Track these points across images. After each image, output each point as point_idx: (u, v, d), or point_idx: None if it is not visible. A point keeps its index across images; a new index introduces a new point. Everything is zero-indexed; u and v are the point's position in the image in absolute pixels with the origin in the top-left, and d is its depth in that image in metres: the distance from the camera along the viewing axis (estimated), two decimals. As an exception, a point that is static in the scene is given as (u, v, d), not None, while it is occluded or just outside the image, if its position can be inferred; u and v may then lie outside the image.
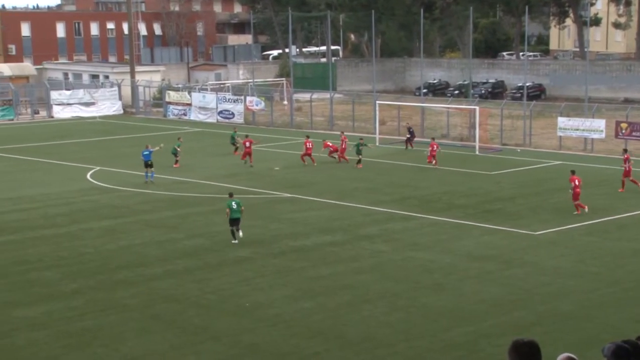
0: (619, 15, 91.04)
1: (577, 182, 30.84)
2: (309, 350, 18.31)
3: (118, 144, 51.93)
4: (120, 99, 70.67)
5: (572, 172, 31.66)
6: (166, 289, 22.67)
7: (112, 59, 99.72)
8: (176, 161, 41.97)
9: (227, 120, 62.18)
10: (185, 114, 65.75)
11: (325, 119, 60.42)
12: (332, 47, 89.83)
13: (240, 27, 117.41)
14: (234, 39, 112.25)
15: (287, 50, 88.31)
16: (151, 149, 38.50)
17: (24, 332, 19.52)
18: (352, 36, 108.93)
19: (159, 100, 69.92)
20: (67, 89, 70.55)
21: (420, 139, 48.84)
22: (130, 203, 34.11)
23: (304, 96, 64.69)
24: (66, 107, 67.80)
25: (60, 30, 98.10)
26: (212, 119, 63.52)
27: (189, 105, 65.72)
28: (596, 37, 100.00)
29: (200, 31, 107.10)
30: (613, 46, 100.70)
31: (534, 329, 19.14)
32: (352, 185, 37.13)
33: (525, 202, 33.19)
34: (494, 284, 22.85)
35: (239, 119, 61.93)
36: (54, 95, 68.21)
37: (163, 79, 77.71)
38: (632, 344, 7.02)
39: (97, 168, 42.49)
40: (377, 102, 54.43)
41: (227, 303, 21.44)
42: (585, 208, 30.88)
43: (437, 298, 21.68)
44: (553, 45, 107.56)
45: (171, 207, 33.21)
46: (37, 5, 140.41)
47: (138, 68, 76.14)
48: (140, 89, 71.33)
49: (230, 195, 28.11)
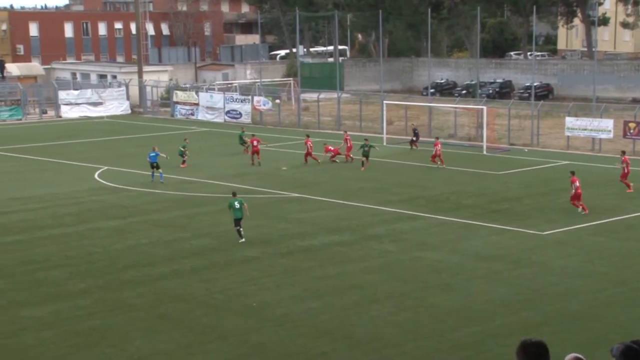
0: (627, 15, 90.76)
1: (578, 183, 30.88)
2: (316, 350, 18.30)
3: (126, 144, 52.03)
4: (128, 98, 70.81)
5: (572, 173, 31.67)
6: (173, 288, 22.69)
7: (120, 58, 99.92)
8: (183, 161, 42.00)
9: (234, 120, 62.25)
10: (192, 114, 65.84)
11: (332, 119, 60.41)
12: (340, 47, 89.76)
13: (247, 27, 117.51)
14: (241, 39, 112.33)
15: (294, 50, 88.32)
16: (158, 152, 38.42)
17: (32, 332, 19.56)
18: (359, 36, 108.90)
19: (167, 100, 70.03)
20: (75, 89, 70.73)
21: (427, 139, 48.73)
22: (138, 203, 34.16)
23: (312, 96, 64.71)
24: (74, 107, 67.98)
25: (68, 30, 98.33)
26: (220, 119, 63.58)
27: (197, 105, 65.81)
28: (604, 37, 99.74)
29: (207, 31, 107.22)
30: (621, 46, 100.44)
31: (542, 329, 19.10)
32: (359, 185, 37.12)
33: (533, 202, 33.13)
34: (501, 284, 22.80)
35: (246, 119, 61.98)
36: (62, 95, 68.37)
37: (171, 79, 77.82)
38: (640, 344, 6.99)
39: (105, 168, 42.58)
40: (385, 102, 54.40)
41: (234, 303, 21.45)
42: (580, 209, 30.80)
43: (445, 298, 21.65)
44: (561, 45, 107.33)
45: (179, 206, 33.25)
46: (45, 6, 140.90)
47: (146, 68, 76.28)
48: (148, 89, 71.46)
49: (234, 195, 28.31)
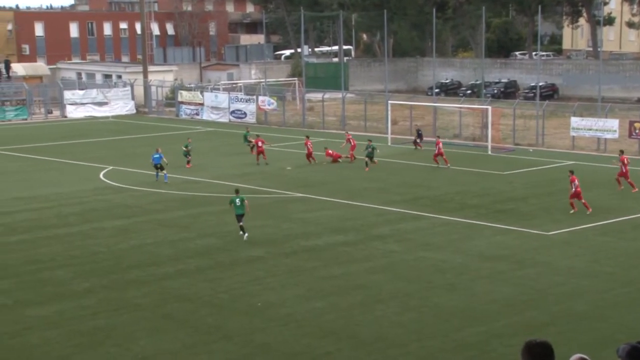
0: (633, 15, 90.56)
1: (577, 182, 30.87)
2: (320, 350, 18.28)
3: (131, 144, 52.07)
4: (133, 98, 70.89)
5: (571, 172, 31.66)
6: (178, 288, 22.69)
7: (125, 58, 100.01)
8: (188, 161, 41.99)
9: (239, 120, 62.26)
10: (197, 114, 65.89)
11: (337, 119, 60.39)
12: (344, 47, 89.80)
13: (252, 27, 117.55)
14: (246, 39, 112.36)
15: (299, 50, 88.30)
16: (162, 154, 38.47)
17: (37, 331, 19.57)
18: (364, 36, 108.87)
19: (172, 100, 70.11)
20: (80, 89, 70.86)
21: (429, 139, 48.55)
22: (142, 202, 34.18)
23: (316, 96, 64.71)
24: (79, 106, 68.09)
25: (74, 30, 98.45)
26: (225, 119, 63.61)
27: (202, 105, 65.85)
28: (609, 37, 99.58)
29: (212, 31, 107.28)
30: (627, 46, 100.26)
31: (547, 329, 19.05)
32: (363, 185, 37.09)
33: (538, 202, 33.06)
34: (506, 284, 22.75)
35: (251, 119, 62.01)
36: (67, 95, 68.47)
37: (175, 79, 77.87)
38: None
39: (110, 167, 42.62)
40: (389, 102, 54.38)
41: (239, 302, 21.44)
42: (589, 209, 30.74)
43: (449, 298, 21.61)
44: (566, 44, 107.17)
45: (183, 206, 33.26)
46: (51, 6, 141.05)
47: (151, 68, 76.36)
48: (153, 89, 71.53)
49: (237, 192, 28.48)
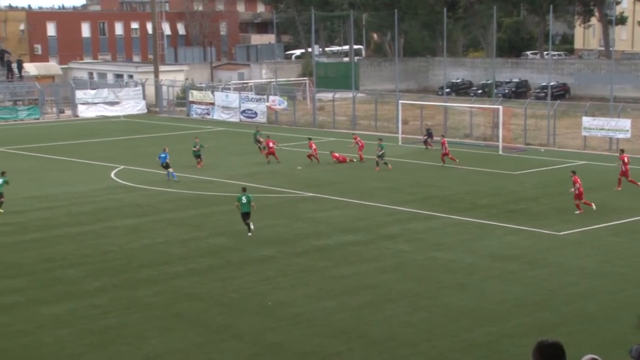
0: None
1: (580, 182, 30.86)
2: (331, 349, 18.29)
3: (142, 143, 52.19)
4: (144, 98, 71.06)
5: (574, 173, 31.62)
6: (189, 287, 22.75)
7: (136, 58, 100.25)
8: (199, 161, 42.04)
9: (249, 120, 62.33)
10: (208, 113, 66.00)
11: (347, 119, 60.37)
12: (355, 47, 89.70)
13: (263, 27, 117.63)
14: (256, 39, 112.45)
15: (309, 49, 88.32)
16: (167, 153, 38.77)
17: (49, 330, 19.67)
18: (374, 35, 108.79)
19: (183, 100, 70.23)
20: (92, 89, 71.07)
21: (436, 138, 48.36)
22: (154, 202, 34.27)
23: (327, 95, 64.72)
24: (91, 106, 68.30)
25: (85, 30, 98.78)
26: (235, 119, 63.69)
27: (212, 104, 65.95)
28: (622, 36, 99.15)
29: (223, 31, 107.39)
30: (639, 45, 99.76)
31: (559, 329, 19.01)
32: (374, 185, 37.07)
33: (549, 202, 32.97)
34: (517, 284, 22.71)
35: (261, 119, 62.06)
36: (79, 94, 68.70)
37: (186, 79, 78.02)
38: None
39: (121, 167, 42.75)
40: (400, 101, 54.33)
41: (249, 302, 21.48)
42: (591, 205, 30.74)
43: (460, 298, 21.59)
44: (578, 44, 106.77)
45: (194, 206, 33.34)
46: (63, 6, 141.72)
47: (162, 67, 76.51)
48: (164, 89, 71.68)
49: (244, 190, 28.66)
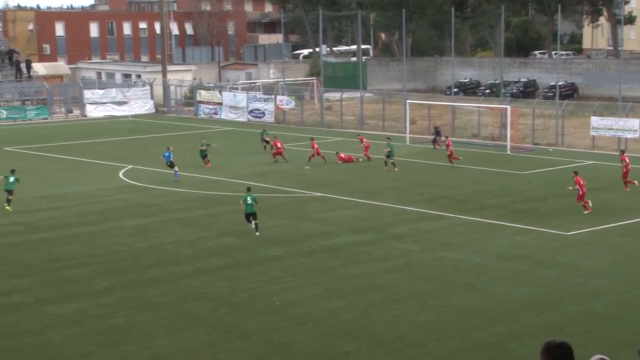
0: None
1: (582, 182, 30.78)
2: (339, 349, 18.30)
3: (150, 143, 52.25)
4: (152, 98, 71.18)
5: (576, 173, 31.57)
6: (197, 287, 22.79)
7: (145, 58, 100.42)
8: (207, 161, 42.07)
9: (257, 120, 62.38)
10: (216, 113, 66.08)
11: (355, 118, 60.37)
12: (363, 46, 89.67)
13: (271, 27, 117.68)
14: (264, 38, 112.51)
15: (317, 49, 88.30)
16: (171, 152, 39.00)
17: (57, 329, 19.72)
18: (382, 35, 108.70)
19: (191, 100, 70.33)
20: (100, 88, 71.22)
21: (444, 139, 48.30)
22: (162, 201, 34.33)
23: (335, 95, 64.72)
24: (99, 106, 68.46)
25: (94, 30, 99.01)
26: (243, 118, 63.74)
27: (220, 104, 66.02)
28: (630, 36, 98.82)
29: (231, 30, 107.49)
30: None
31: (567, 329, 18.98)
32: (382, 185, 37.06)
33: (557, 202, 32.89)
34: (525, 284, 22.68)
35: (269, 118, 62.10)
36: (87, 94, 68.86)
37: (194, 78, 78.11)
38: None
39: (130, 166, 42.83)
40: (408, 101, 54.30)
41: (257, 302, 21.51)
42: (590, 210, 30.72)
43: (468, 298, 21.57)
44: (586, 44, 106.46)
45: (202, 205, 33.39)
46: (71, 6, 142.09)
47: (170, 67, 76.63)
48: (172, 88, 71.80)
49: (248, 190, 28.79)
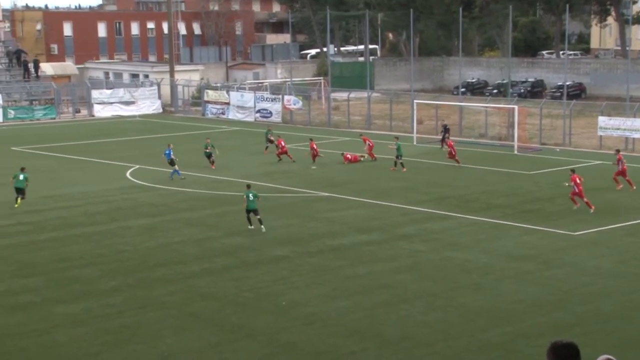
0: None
1: (578, 181, 30.81)
2: (345, 349, 18.29)
3: (157, 143, 52.21)
4: (159, 98, 71.28)
5: (573, 171, 31.58)
6: (204, 286, 22.81)
7: (152, 58, 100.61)
8: (212, 162, 41.85)
9: (265, 119, 62.40)
10: (223, 113, 66.14)
11: (362, 118, 60.34)
12: (370, 46, 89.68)
13: (278, 27, 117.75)
14: (272, 38, 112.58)
15: (325, 49, 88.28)
16: (172, 149, 39.25)
17: (64, 329, 19.76)
18: (390, 35, 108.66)
19: (198, 99, 70.42)
20: (108, 88, 71.35)
21: (455, 138, 48.31)
22: (169, 201, 34.38)
23: (342, 95, 64.72)
24: (107, 106, 68.60)
25: (102, 30, 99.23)
26: (250, 118, 63.79)
27: (227, 104, 66.08)
28: (638, 36, 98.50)
29: (239, 30, 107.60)
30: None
31: (574, 329, 18.94)
32: (389, 185, 37.04)
33: (565, 203, 32.79)
34: (532, 284, 22.64)
35: (276, 118, 62.13)
36: (95, 94, 69.00)
37: (202, 78, 78.21)
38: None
39: (137, 166, 42.90)
40: (415, 101, 54.25)
41: (263, 301, 21.51)
42: (578, 205, 30.88)
43: (475, 298, 21.54)
44: (594, 43, 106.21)
45: (209, 205, 33.42)
46: (79, 6, 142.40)
47: (177, 67, 76.76)
48: (180, 88, 71.90)
49: (248, 187, 29.36)
